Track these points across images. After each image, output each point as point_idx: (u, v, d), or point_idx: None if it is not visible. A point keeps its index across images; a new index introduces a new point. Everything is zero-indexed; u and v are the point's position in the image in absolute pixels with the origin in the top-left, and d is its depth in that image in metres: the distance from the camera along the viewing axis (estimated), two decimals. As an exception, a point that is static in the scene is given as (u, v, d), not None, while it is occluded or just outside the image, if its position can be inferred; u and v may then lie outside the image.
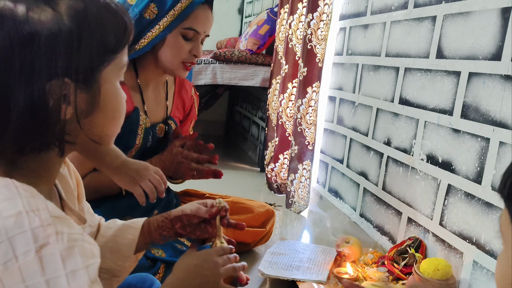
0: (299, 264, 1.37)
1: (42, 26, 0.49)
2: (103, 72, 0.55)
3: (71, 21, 0.51)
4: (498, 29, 1.11)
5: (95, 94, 0.55)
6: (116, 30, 0.55)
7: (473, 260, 1.15)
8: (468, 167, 1.19)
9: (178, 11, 1.19)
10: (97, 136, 0.58)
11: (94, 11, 0.53)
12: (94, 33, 0.53)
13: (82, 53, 0.51)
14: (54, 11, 0.50)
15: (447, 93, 1.28)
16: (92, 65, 0.53)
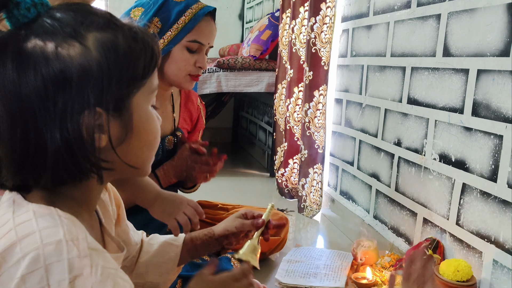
0: (316, 271, 1.37)
1: (72, 61, 0.50)
2: (133, 98, 0.56)
3: (99, 53, 0.52)
4: (505, 25, 1.10)
5: (128, 120, 0.55)
6: (144, 57, 0.56)
7: (493, 259, 1.14)
8: (482, 165, 1.17)
9: (181, 24, 1.19)
10: (134, 161, 0.59)
11: (122, 41, 0.54)
12: (123, 63, 0.53)
13: (112, 84, 0.52)
14: (82, 45, 0.51)
15: (456, 91, 1.27)
16: (123, 94, 0.54)
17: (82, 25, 0.52)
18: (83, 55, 0.51)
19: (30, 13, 0.51)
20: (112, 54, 0.52)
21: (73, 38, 0.51)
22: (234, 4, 3.91)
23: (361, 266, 1.37)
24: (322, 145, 1.99)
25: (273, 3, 3.11)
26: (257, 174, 2.84)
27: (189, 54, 1.22)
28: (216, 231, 0.92)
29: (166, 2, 1.20)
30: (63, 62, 0.50)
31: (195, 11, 1.20)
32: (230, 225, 0.91)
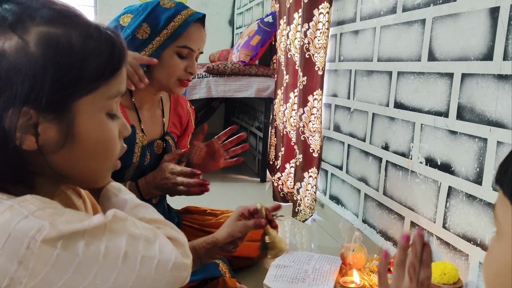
0: (304, 276, 1.36)
1: (4, 55, 0.47)
2: (77, 103, 0.51)
3: (37, 49, 0.48)
4: (488, 29, 1.11)
5: (68, 126, 0.51)
6: (98, 58, 0.52)
7: (479, 262, 1.14)
8: (468, 168, 1.18)
9: (171, 30, 1.19)
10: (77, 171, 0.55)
11: (72, 38, 0.50)
12: (65, 61, 0.49)
13: (46, 82, 0.48)
14: (20, 38, 0.48)
15: (441, 95, 1.28)
16: (61, 95, 0.50)
17: (30, 16, 0.49)
18: (18, 49, 0.48)
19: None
20: (53, 51, 0.49)
21: (13, 31, 0.48)
22: (224, 10, 3.93)
23: (349, 270, 1.37)
24: (317, 150, 2.01)
25: (262, 9, 3.13)
26: (247, 179, 2.84)
27: (179, 59, 1.22)
28: (220, 238, 0.90)
29: (155, 9, 1.20)
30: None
31: (184, 17, 1.20)
32: (234, 230, 0.90)
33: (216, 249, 0.91)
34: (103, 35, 0.53)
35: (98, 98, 0.53)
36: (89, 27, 0.52)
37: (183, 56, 1.22)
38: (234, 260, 1.45)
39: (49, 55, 0.48)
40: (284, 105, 2.27)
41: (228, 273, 1.31)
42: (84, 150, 0.53)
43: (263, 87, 2.59)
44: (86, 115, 0.52)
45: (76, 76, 0.50)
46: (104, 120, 0.55)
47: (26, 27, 0.49)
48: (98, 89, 0.53)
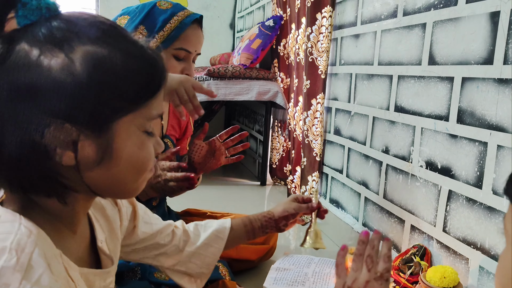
0: (304, 279, 1.36)
1: (50, 72, 0.48)
2: (118, 122, 0.52)
3: (82, 68, 0.49)
4: (488, 34, 1.12)
5: (107, 144, 0.52)
6: (140, 80, 0.52)
7: (479, 266, 1.14)
8: (468, 172, 1.18)
9: (167, 32, 1.18)
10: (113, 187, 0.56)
11: (116, 58, 0.51)
12: (109, 82, 0.50)
13: (89, 101, 0.49)
14: (67, 57, 0.49)
15: (441, 99, 1.29)
16: (103, 114, 0.50)
17: (76, 35, 0.50)
18: (64, 67, 0.48)
19: (33, 16, 0.50)
20: (98, 72, 0.49)
21: (60, 49, 0.49)
22: (225, 13, 3.93)
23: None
24: (320, 153, 2.01)
25: (263, 13, 3.13)
26: (247, 183, 2.84)
27: (176, 62, 1.22)
28: (276, 213, 0.99)
29: (152, 10, 1.19)
30: (41, 70, 0.48)
31: (181, 19, 1.19)
32: (289, 207, 1.00)
33: (271, 223, 0.99)
34: (146, 57, 0.53)
35: (137, 118, 0.54)
36: (133, 48, 0.53)
37: (180, 58, 1.21)
38: (234, 263, 1.45)
39: (94, 75, 0.49)
40: (294, 108, 2.29)
41: (228, 275, 1.31)
42: (121, 167, 0.54)
43: (263, 90, 2.59)
44: (125, 134, 0.53)
45: (118, 96, 0.51)
46: (142, 139, 0.55)
47: (73, 46, 0.49)
48: (138, 110, 0.53)
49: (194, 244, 0.90)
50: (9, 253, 0.46)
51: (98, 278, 0.62)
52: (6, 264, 0.45)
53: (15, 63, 0.48)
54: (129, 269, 1.16)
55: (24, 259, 0.47)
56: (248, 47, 2.68)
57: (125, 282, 1.15)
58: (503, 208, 1.07)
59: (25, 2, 0.50)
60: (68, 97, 0.48)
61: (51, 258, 0.50)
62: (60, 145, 0.49)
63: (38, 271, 0.47)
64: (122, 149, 0.53)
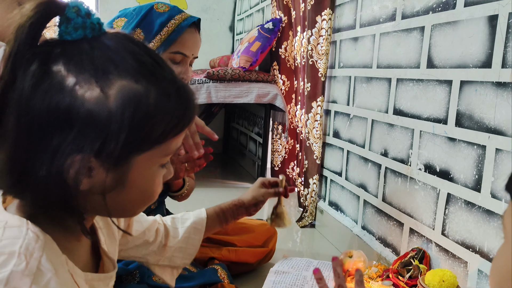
0: (303, 282, 1.36)
1: (83, 104, 0.48)
2: (137, 157, 0.52)
3: (117, 105, 0.48)
4: (487, 37, 1.12)
5: (122, 175, 0.52)
6: (169, 120, 0.52)
7: (478, 269, 1.14)
8: (466, 175, 1.18)
9: (164, 35, 1.17)
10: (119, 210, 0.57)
11: (151, 97, 0.50)
12: (139, 122, 0.50)
13: (118, 139, 0.49)
14: (102, 92, 0.48)
15: (440, 102, 1.29)
16: (126, 150, 0.50)
17: (115, 68, 0.49)
18: (98, 101, 0.48)
19: (75, 34, 0.49)
20: (130, 110, 0.49)
21: (96, 82, 0.48)
22: (225, 16, 3.94)
23: (348, 277, 1.37)
24: (319, 156, 2.02)
25: (263, 15, 3.14)
26: (247, 185, 2.84)
27: (173, 65, 1.21)
28: (246, 200, 1.04)
29: (149, 13, 1.18)
30: (75, 101, 0.47)
31: (178, 22, 1.18)
32: (258, 194, 1.04)
33: (242, 210, 1.03)
34: (180, 98, 0.53)
35: (156, 154, 0.54)
36: (169, 87, 0.52)
37: (176, 62, 1.20)
38: (232, 266, 1.45)
39: (126, 114, 0.49)
40: (301, 110, 2.30)
41: (227, 278, 1.31)
42: (131, 195, 0.55)
43: (263, 92, 2.59)
44: (142, 168, 0.53)
45: (145, 135, 0.51)
46: (156, 172, 0.56)
47: (110, 79, 0.49)
48: (159, 148, 0.53)
49: (175, 238, 0.93)
50: (18, 257, 0.46)
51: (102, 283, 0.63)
52: (15, 269, 0.46)
53: (51, 87, 0.48)
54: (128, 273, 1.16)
55: (33, 264, 0.47)
56: (247, 50, 2.68)
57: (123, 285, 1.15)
58: (501, 211, 1.07)
59: (69, 18, 0.49)
60: (96, 131, 0.48)
61: (58, 263, 0.51)
62: (79, 172, 0.49)
63: (47, 275, 0.48)
64: (135, 181, 0.53)
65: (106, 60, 0.49)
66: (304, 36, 2.20)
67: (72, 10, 0.49)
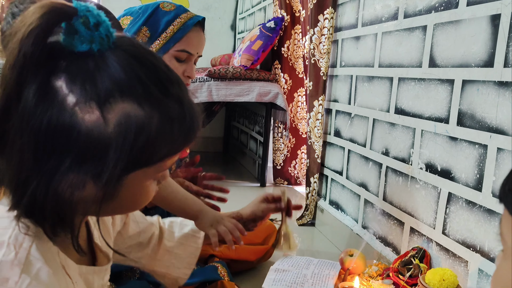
0: (303, 280, 1.36)
1: (81, 126, 0.46)
2: (131, 174, 0.51)
3: (116, 130, 0.47)
4: (489, 36, 1.12)
5: (113, 191, 0.51)
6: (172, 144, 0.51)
7: (479, 269, 1.14)
8: (468, 174, 1.18)
9: (170, 33, 1.19)
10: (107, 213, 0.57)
11: (153, 122, 0.48)
12: (138, 148, 0.48)
13: (116, 164, 0.48)
14: (101, 115, 0.47)
15: (442, 101, 1.29)
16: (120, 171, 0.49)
17: (119, 92, 0.47)
18: (97, 125, 0.46)
19: (81, 47, 0.47)
20: (131, 136, 0.47)
21: (97, 105, 0.46)
22: (226, 15, 3.94)
23: (348, 275, 1.37)
24: (320, 155, 2.02)
25: (264, 14, 3.14)
26: (247, 184, 2.84)
27: (177, 63, 1.22)
28: (244, 214, 1.00)
29: (155, 12, 1.20)
30: (73, 120, 0.46)
31: (184, 21, 1.19)
32: (257, 209, 1.00)
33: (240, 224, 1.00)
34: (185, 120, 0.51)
35: (150, 171, 0.52)
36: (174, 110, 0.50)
37: (181, 60, 1.21)
38: (233, 264, 1.45)
39: (125, 140, 0.48)
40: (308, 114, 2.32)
41: (227, 276, 1.31)
42: (121, 204, 0.54)
43: (264, 91, 2.59)
44: (135, 183, 0.52)
45: (143, 159, 0.50)
46: (149, 186, 0.55)
47: (111, 103, 0.47)
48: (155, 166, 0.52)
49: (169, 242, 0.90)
50: (7, 247, 0.46)
51: (96, 276, 0.62)
52: (4, 259, 0.45)
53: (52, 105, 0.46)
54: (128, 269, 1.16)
55: (22, 254, 0.47)
56: (249, 48, 2.68)
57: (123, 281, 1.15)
58: (502, 211, 1.07)
59: (76, 30, 0.47)
60: (95, 156, 0.47)
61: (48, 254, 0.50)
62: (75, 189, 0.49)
63: (36, 265, 0.48)
64: (127, 194, 0.52)
65: (110, 82, 0.47)
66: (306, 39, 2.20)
67: (80, 20, 0.46)
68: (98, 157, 0.47)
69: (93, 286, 0.62)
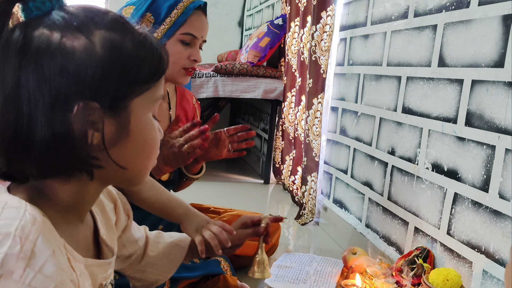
0: (305, 277, 1.36)
1: (74, 53, 0.50)
2: (133, 102, 0.55)
3: (103, 50, 0.52)
4: (500, 37, 1.11)
5: (125, 123, 0.55)
6: (150, 63, 0.56)
7: (483, 270, 1.14)
8: (475, 175, 1.18)
9: (174, 18, 1.21)
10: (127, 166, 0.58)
11: (129, 45, 0.54)
12: (126, 63, 0.53)
13: (111, 81, 0.52)
14: (88, 39, 0.51)
15: (450, 101, 1.28)
16: (121, 93, 0.54)
17: (92, 21, 0.53)
18: (86, 48, 0.51)
19: (44, 7, 0.52)
20: (116, 53, 0.52)
21: (80, 32, 0.51)
22: (234, 11, 3.93)
23: (351, 273, 1.37)
24: (318, 154, 2.00)
25: (272, 11, 3.13)
26: (251, 181, 2.84)
27: (182, 47, 1.23)
28: None
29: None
30: (65, 52, 0.50)
31: (186, 4, 1.22)
32: (233, 238, 0.97)
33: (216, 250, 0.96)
34: (152, 43, 0.57)
35: (147, 100, 0.57)
36: (140, 34, 0.56)
37: (186, 43, 1.23)
38: (235, 259, 1.45)
39: (113, 56, 0.52)
40: (296, 108, 2.27)
41: (229, 271, 1.31)
42: (137, 147, 0.57)
43: (270, 88, 2.59)
44: (139, 114, 0.56)
45: (135, 77, 0.54)
46: (151, 120, 0.59)
47: (91, 30, 0.52)
48: (148, 91, 0.57)
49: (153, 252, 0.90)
50: (13, 240, 0.46)
51: (100, 269, 0.63)
52: (10, 251, 0.45)
53: (38, 48, 0.50)
54: None
55: (28, 247, 0.46)
56: (256, 45, 2.68)
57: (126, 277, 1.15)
58: (509, 212, 1.06)
59: None
60: (92, 77, 0.51)
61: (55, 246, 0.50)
62: (87, 125, 0.51)
63: (42, 259, 0.47)
64: (137, 127, 0.56)
65: (82, 16, 0.53)
66: (304, 32, 2.18)
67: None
68: (94, 78, 0.51)
69: (97, 278, 0.62)
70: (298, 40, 2.27)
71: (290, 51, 2.41)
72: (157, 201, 1.06)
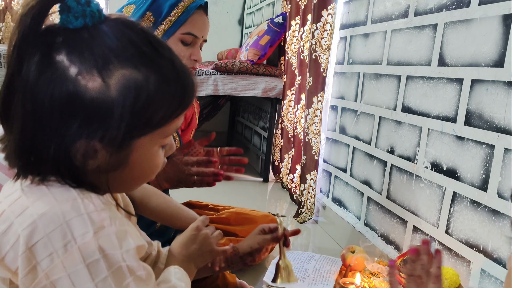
0: (304, 275, 1.36)
1: (85, 93, 0.50)
2: (140, 139, 0.54)
3: (118, 93, 0.51)
4: (500, 36, 1.11)
5: (125, 157, 0.54)
6: (169, 105, 0.54)
7: (481, 269, 1.14)
8: (473, 174, 1.18)
9: (174, 17, 1.20)
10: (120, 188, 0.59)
11: (151, 83, 0.52)
12: (140, 109, 0.52)
13: (120, 126, 0.51)
14: (103, 81, 0.50)
15: (450, 101, 1.28)
16: (128, 135, 0.53)
17: (116, 57, 0.51)
18: (100, 91, 0.50)
19: (76, 22, 0.51)
20: (131, 98, 0.51)
21: (98, 72, 0.50)
22: (234, 9, 3.93)
23: (349, 272, 1.37)
24: (318, 152, 2.00)
25: (273, 9, 3.13)
26: (250, 178, 2.84)
27: (183, 47, 1.22)
28: (241, 249, 0.96)
29: None
30: (78, 90, 0.50)
31: (187, 4, 1.20)
32: (253, 242, 0.97)
33: (236, 259, 0.95)
34: (180, 80, 0.55)
35: (157, 136, 0.56)
36: (169, 71, 0.54)
37: (187, 43, 1.22)
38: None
39: (128, 101, 0.51)
40: (296, 106, 2.27)
41: (229, 268, 1.31)
42: (132, 174, 0.57)
43: (270, 86, 2.59)
44: (143, 150, 0.56)
45: (147, 121, 0.53)
46: (157, 152, 0.58)
47: (111, 69, 0.51)
48: (160, 130, 0.55)
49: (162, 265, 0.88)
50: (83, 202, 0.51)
51: None
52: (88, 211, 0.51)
53: (55, 76, 0.50)
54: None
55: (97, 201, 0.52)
56: (256, 43, 2.67)
57: None
58: (508, 211, 1.07)
59: (69, 7, 0.51)
60: (100, 119, 0.51)
61: None
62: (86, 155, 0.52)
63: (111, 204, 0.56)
64: (136, 162, 0.56)
65: (106, 49, 0.51)
66: (304, 30, 2.18)
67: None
68: (104, 119, 0.50)
69: None
70: (298, 38, 2.27)
71: (290, 50, 2.41)
72: (168, 208, 1.06)
